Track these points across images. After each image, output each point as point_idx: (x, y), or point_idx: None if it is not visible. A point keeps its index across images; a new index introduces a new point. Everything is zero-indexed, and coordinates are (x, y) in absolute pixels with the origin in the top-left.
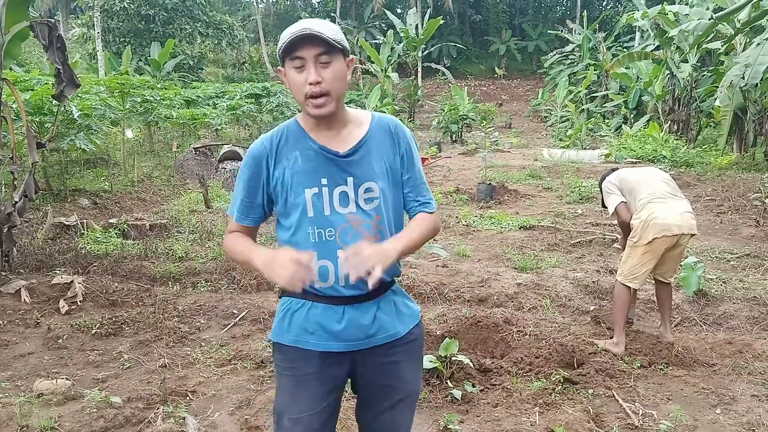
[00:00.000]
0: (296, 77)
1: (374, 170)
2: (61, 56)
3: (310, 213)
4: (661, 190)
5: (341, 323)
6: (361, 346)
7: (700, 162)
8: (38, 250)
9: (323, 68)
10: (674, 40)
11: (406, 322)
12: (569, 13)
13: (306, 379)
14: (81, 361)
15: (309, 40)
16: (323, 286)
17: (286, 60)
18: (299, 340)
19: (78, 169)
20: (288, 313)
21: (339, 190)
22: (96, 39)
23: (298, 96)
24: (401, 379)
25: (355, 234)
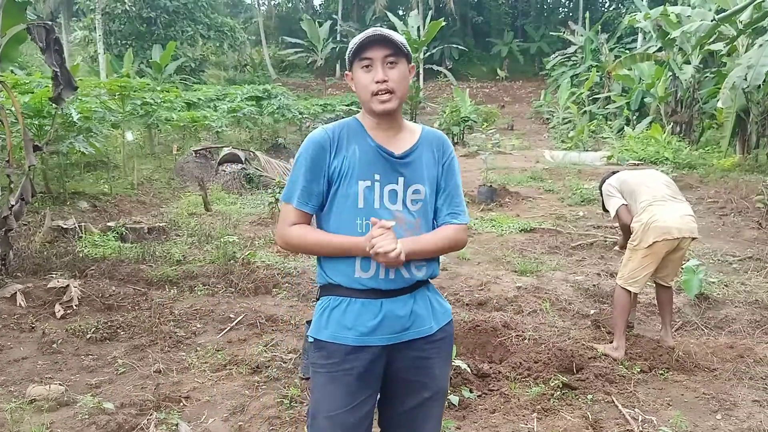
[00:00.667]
0: (364, 76)
1: (423, 174)
2: (59, 59)
3: (360, 204)
4: (661, 193)
5: (378, 317)
6: (397, 339)
7: (702, 164)
8: (36, 254)
9: (390, 69)
10: (676, 42)
11: (440, 318)
12: (571, 14)
13: (342, 375)
14: (75, 366)
15: (379, 41)
16: (364, 276)
17: (355, 61)
18: (337, 335)
19: (78, 172)
20: (326, 311)
21: (389, 187)
22: (97, 42)
23: (364, 94)
24: (432, 375)
25: (398, 230)
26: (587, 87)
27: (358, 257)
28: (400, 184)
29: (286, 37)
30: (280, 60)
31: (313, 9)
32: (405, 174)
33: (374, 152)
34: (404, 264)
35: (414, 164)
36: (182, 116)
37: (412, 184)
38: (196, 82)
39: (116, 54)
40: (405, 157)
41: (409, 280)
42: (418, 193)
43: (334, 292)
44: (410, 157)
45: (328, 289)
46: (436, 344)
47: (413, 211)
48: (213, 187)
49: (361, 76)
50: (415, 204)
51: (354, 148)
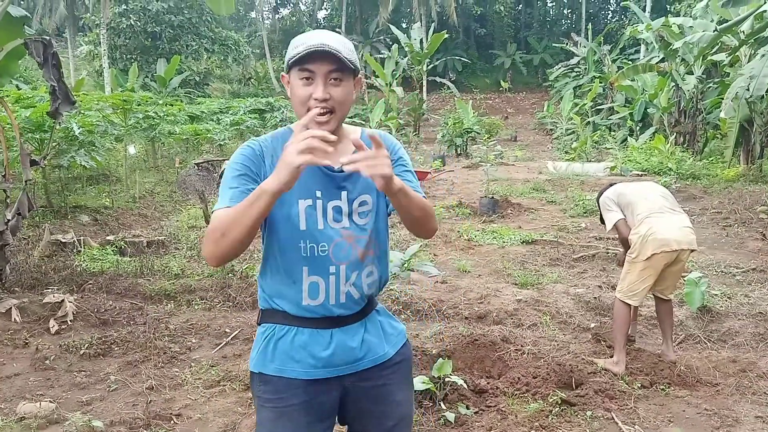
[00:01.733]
0: (302, 90)
1: (367, 183)
2: (57, 73)
3: (302, 226)
4: (659, 205)
5: (329, 348)
6: (350, 370)
7: (706, 174)
8: (34, 268)
9: (333, 86)
10: (679, 52)
11: (394, 342)
12: (574, 26)
13: (290, 411)
14: (67, 382)
15: (323, 55)
16: (313, 304)
17: (294, 69)
18: (284, 369)
19: (80, 185)
20: (272, 341)
21: (333, 204)
22: (102, 56)
23: (299, 108)
24: (393, 402)
25: (349, 249)
26: (590, 98)
27: (304, 283)
28: (344, 199)
29: None
30: None
31: (317, 22)
32: (347, 187)
33: (313, 168)
34: (354, 284)
35: (356, 175)
36: (185, 129)
37: (357, 197)
38: (201, 95)
39: (121, 68)
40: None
41: (360, 301)
42: (365, 205)
43: (278, 320)
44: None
45: (272, 315)
46: (394, 368)
47: (362, 226)
48: (214, 200)
49: (299, 88)
50: (363, 217)
51: None
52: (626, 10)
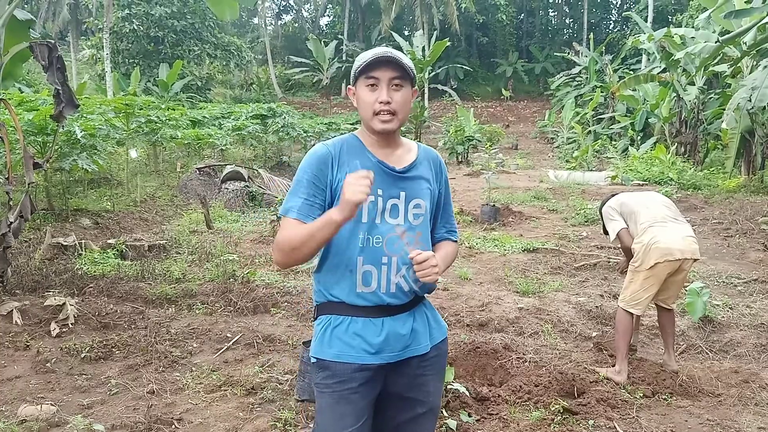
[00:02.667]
0: (368, 95)
1: (423, 189)
2: (61, 77)
3: (363, 219)
4: (662, 214)
5: (381, 335)
6: (398, 357)
7: (707, 185)
8: (35, 271)
9: (395, 91)
10: (680, 63)
11: (436, 336)
12: (576, 35)
13: (348, 394)
14: (68, 386)
15: (387, 63)
16: (366, 291)
17: (361, 78)
18: (342, 355)
19: (81, 188)
20: (328, 329)
21: (392, 201)
22: (105, 60)
23: (365, 112)
24: (426, 392)
25: (400, 244)
26: (591, 107)
27: (358, 272)
28: (402, 199)
29: (292, 56)
30: (286, 79)
31: (320, 29)
32: (406, 189)
33: (376, 167)
34: (404, 277)
35: (414, 179)
36: (187, 134)
37: (413, 199)
38: (203, 100)
39: (124, 72)
40: (406, 172)
41: (408, 294)
42: (419, 208)
43: (334, 311)
44: (411, 173)
45: (328, 307)
46: (431, 361)
47: (414, 225)
48: (215, 204)
49: (366, 93)
50: (416, 218)
51: (356, 163)
52: (628, 20)
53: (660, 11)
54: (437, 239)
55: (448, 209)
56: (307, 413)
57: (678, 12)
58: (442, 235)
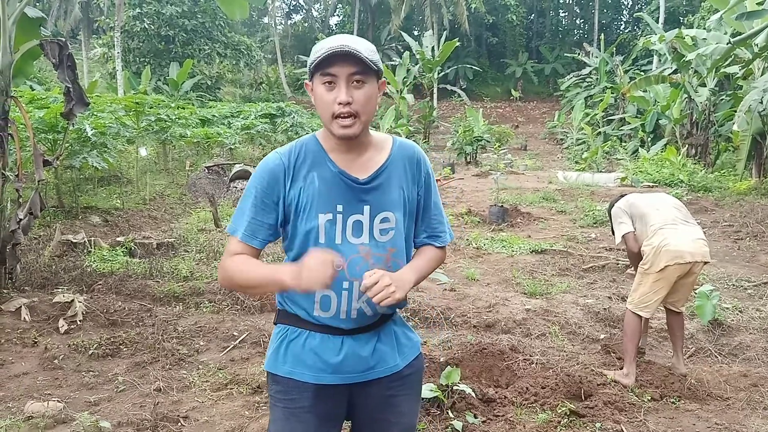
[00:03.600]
0: (325, 94)
1: (392, 199)
2: (71, 75)
3: (321, 239)
4: (672, 216)
5: (339, 355)
6: (359, 379)
7: (718, 187)
8: (44, 268)
9: (355, 89)
10: (692, 64)
11: (407, 354)
12: (586, 36)
13: (300, 413)
14: (75, 382)
15: (344, 57)
16: (324, 315)
17: (317, 75)
18: (294, 371)
19: (91, 186)
20: (284, 342)
21: (354, 218)
22: (116, 59)
23: (324, 114)
24: (398, 413)
25: (364, 266)
26: (602, 108)
27: (316, 295)
28: (366, 214)
29: (302, 55)
30: (295, 78)
31: (329, 28)
32: (371, 202)
33: (335, 179)
34: (366, 302)
35: (382, 188)
36: (196, 132)
37: (379, 213)
38: (212, 99)
39: (134, 71)
40: (371, 182)
41: (372, 318)
42: (387, 221)
43: (291, 322)
44: (377, 181)
45: (286, 316)
46: (403, 381)
47: (382, 242)
48: (224, 203)
49: (322, 92)
50: (384, 234)
51: (312, 176)
52: (639, 21)
53: (671, 12)
54: (417, 245)
55: (431, 212)
56: None
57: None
58: (422, 240)
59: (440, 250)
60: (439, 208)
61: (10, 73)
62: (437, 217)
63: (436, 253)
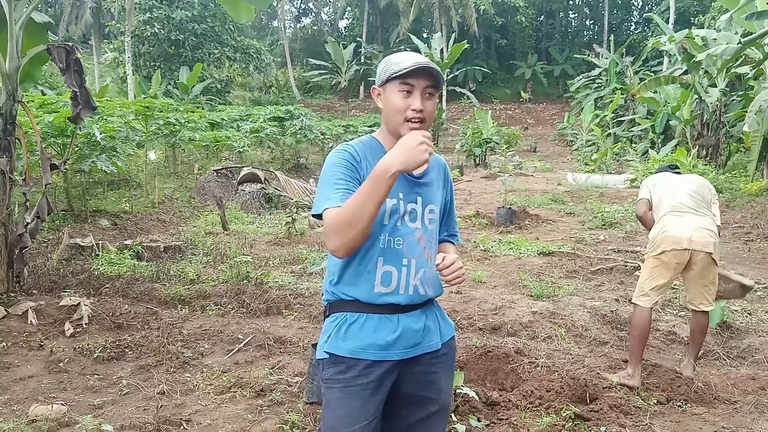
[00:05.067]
0: (401, 101)
1: (436, 195)
2: (78, 79)
3: (386, 221)
4: (682, 203)
5: (396, 331)
6: (410, 354)
7: (729, 188)
8: (52, 271)
9: (426, 100)
10: (702, 65)
11: (444, 334)
12: (596, 37)
13: (359, 390)
14: (80, 385)
15: (425, 72)
16: (384, 291)
17: (395, 82)
18: (356, 351)
19: (101, 190)
20: (344, 326)
21: (410, 206)
22: (126, 63)
23: (395, 117)
24: (437, 390)
25: (418, 248)
26: (611, 109)
27: (378, 272)
28: (419, 204)
29: (311, 59)
30: (304, 81)
31: (338, 32)
32: (422, 194)
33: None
34: (420, 280)
35: (429, 185)
36: (205, 136)
37: (428, 204)
38: (222, 102)
39: (145, 75)
40: (422, 178)
41: (423, 297)
42: (433, 213)
43: (348, 308)
44: (426, 178)
45: (342, 305)
46: (442, 359)
47: (430, 230)
48: (232, 206)
49: (398, 99)
50: (431, 223)
51: None
52: (649, 21)
53: (682, 13)
54: (440, 242)
55: (452, 214)
56: (315, 416)
57: (700, 13)
58: (443, 238)
59: (456, 248)
60: (455, 212)
61: (17, 77)
62: (455, 219)
63: (455, 249)
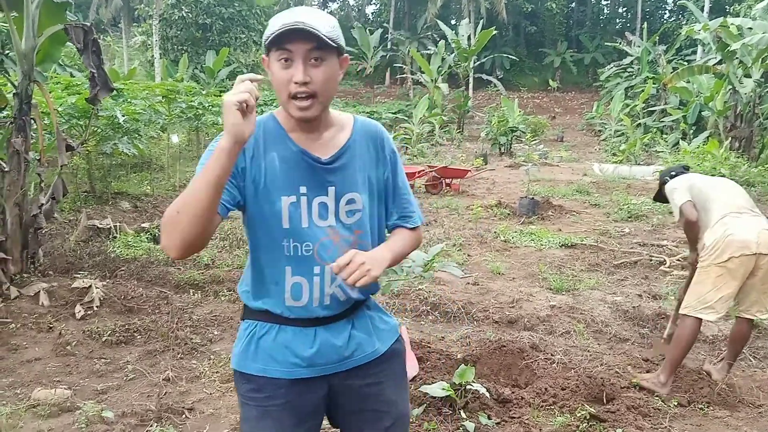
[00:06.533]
0: (281, 73)
1: (357, 180)
2: (97, 60)
3: (285, 224)
4: (738, 204)
5: (313, 347)
6: (336, 369)
7: (761, 181)
8: (69, 253)
9: (313, 67)
10: (737, 54)
11: (385, 338)
12: (629, 25)
13: (274, 410)
14: (86, 369)
15: (301, 34)
16: (296, 305)
17: (272, 51)
18: (267, 369)
19: (123, 172)
20: (253, 339)
21: (318, 200)
22: (154, 47)
23: (281, 94)
24: (386, 401)
25: (335, 249)
26: (642, 99)
27: (287, 284)
28: (331, 195)
29: None
30: None
31: (365, 17)
32: (335, 182)
33: (297, 159)
34: (339, 286)
35: (346, 169)
36: None
37: (344, 194)
38: None
39: (172, 59)
40: (334, 162)
41: (345, 304)
42: (353, 203)
43: (260, 317)
44: (340, 161)
45: (254, 312)
46: (384, 366)
47: (348, 225)
48: None
49: (279, 71)
50: (350, 216)
51: (273, 156)
52: (684, 9)
53: (717, 1)
54: (390, 228)
55: (400, 192)
56: None
57: (736, 2)
58: (393, 222)
59: (414, 232)
60: (407, 187)
61: (33, 57)
62: (406, 196)
63: (410, 234)
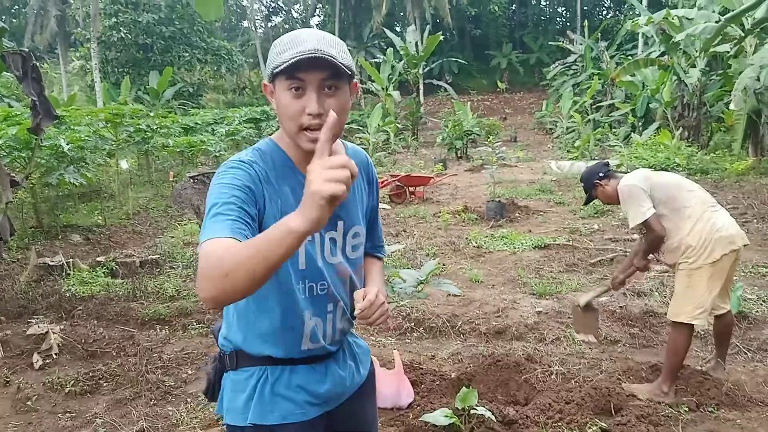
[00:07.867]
0: (292, 103)
1: (358, 212)
2: (37, 87)
3: (301, 264)
4: (710, 198)
5: (326, 382)
6: (341, 400)
7: (715, 168)
8: (20, 295)
9: (327, 96)
10: (681, 45)
11: (364, 362)
12: (569, 24)
13: None
14: (51, 426)
15: (316, 62)
16: (314, 347)
17: (281, 79)
18: (287, 416)
19: (72, 203)
20: (266, 386)
21: (329, 235)
22: (94, 70)
23: (289, 124)
24: (367, 422)
25: (342, 286)
26: (590, 95)
27: (306, 328)
28: (339, 230)
29: None
30: None
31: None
32: (344, 216)
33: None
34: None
35: (349, 201)
36: (179, 142)
37: (351, 227)
38: (195, 106)
39: (113, 82)
40: None
41: (343, 332)
42: (358, 236)
43: (264, 362)
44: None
45: (252, 359)
46: (363, 389)
47: (353, 260)
48: None
49: (288, 101)
50: (355, 250)
51: (286, 192)
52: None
53: None
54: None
55: (377, 222)
56: None
57: None
58: (366, 250)
59: (381, 262)
60: (379, 219)
61: None
62: (379, 224)
63: (381, 265)
